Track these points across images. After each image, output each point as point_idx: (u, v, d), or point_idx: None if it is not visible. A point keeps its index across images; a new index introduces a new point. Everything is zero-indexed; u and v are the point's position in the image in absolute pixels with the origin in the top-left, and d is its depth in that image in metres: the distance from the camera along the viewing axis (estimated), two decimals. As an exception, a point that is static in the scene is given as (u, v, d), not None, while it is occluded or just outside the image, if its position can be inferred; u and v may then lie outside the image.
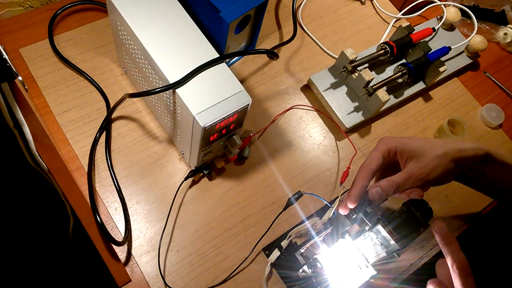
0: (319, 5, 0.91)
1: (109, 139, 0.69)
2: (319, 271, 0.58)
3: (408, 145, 0.55)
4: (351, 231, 0.60)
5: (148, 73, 0.61)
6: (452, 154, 0.54)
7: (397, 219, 0.56)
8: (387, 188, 0.53)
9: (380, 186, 0.53)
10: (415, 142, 0.55)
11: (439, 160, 0.53)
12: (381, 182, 0.54)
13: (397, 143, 0.56)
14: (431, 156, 0.53)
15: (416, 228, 0.56)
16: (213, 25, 0.66)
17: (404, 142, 0.56)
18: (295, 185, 0.73)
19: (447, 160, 0.53)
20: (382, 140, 0.57)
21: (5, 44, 0.73)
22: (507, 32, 0.95)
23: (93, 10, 0.79)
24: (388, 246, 0.55)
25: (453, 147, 0.55)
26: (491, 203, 0.79)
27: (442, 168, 0.53)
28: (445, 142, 0.56)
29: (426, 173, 0.53)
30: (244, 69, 0.81)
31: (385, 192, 0.53)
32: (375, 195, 0.54)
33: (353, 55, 0.76)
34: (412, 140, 0.56)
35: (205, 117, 0.54)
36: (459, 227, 0.76)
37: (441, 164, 0.53)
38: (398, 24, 0.92)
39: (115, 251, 0.63)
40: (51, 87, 0.71)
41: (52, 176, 0.63)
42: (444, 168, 0.53)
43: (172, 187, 0.68)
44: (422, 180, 0.53)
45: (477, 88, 0.91)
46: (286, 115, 0.79)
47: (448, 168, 0.53)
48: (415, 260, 0.71)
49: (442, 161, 0.53)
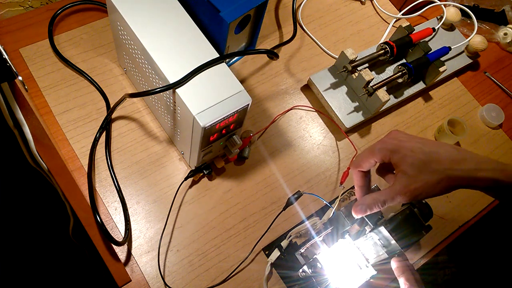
0: (319, 5, 0.91)
1: (109, 139, 0.69)
2: (319, 271, 0.58)
3: (406, 158, 0.49)
4: (351, 231, 0.60)
5: (148, 73, 0.61)
6: (454, 181, 0.47)
7: (398, 219, 0.56)
8: (371, 205, 0.51)
9: (364, 204, 0.51)
10: (414, 156, 0.49)
11: (434, 185, 0.47)
12: (367, 199, 0.51)
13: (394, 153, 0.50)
14: (424, 180, 0.47)
15: (416, 229, 0.56)
16: (213, 25, 0.66)
17: (402, 153, 0.49)
18: (295, 185, 0.73)
19: (444, 185, 0.47)
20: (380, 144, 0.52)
21: (5, 44, 0.73)
22: (507, 32, 0.95)
23: (93, 10, 0.79)
24: (389, 246, 0.55)
25: (460, 173, 0.47)
26: (491, 203, 0.79)
27: (435, 192, 0.48)
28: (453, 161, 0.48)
29: (416, 194, 0.48)
30: (244, 69, 0.81)
31: (369, 209, 0.51)
32: (359, 212, 0.52)
33: (353, 55, 0.76)
34: (413, 151, 0.49)
35: (205, 117, 0.54)
36: (459, 227, 0.76)
37: (435, 189, 0.48)
38: (398, 24, 0.92)
39: (115, 251, 0.63)
40: (51, 87, 0.71)
41: (52, 176, 0.63)
42: (438, 192, 0.48)
43: (172, 187, 0.68)
44: (410, 199, 0.49)
45: (477, 88, 0.91)
46: (286, 115, 0.79)
47: (443, 193, 0.48)
48: (415, 260, 0.71)
49: (438, 186, 0.47)
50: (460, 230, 0.76)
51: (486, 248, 1.19)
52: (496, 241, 1.16)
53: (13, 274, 0.94)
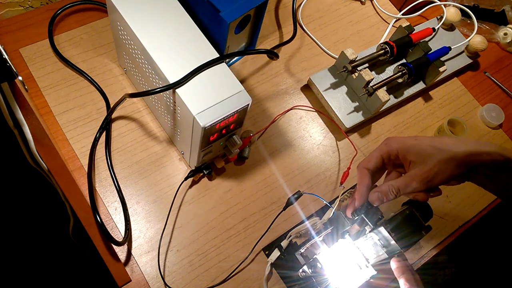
0: (319, 5, 0.91)
1: (109, 139, 0.69)
2: (319, 271, 0.58)
3: (413, 147, 0.52)
4: (351, 231, 0.59)
5: (148, 73, 0.61)
6: (461, 159, 0.49)
7: (398, 219, 0.56)
8: (387, 192, 0.52)
9: (380, 191, 0.52)
10: (421, 143, 0.51)
11: (444, 165, 0.49)
12: (382, 187, 0.52)
13: (400, 144, 0.53)
14: (435, 161, 0.49)
15: (416, 229, 0.56)
16: (213, 25, 0.66)
17: (408, 144, 0.52)
18: (295, 185, 0.73)
19: (454, 165, 0.49)
20: (385, 141, 0.55)
21: (5, 44, 0.73)
22: (507, 32, 0.95)
23: (93, 10, 0.79)
24: (388, 246, 0.55)
25: (464, 149, 0.49)
26: (491, 203, 0.79)
27: (447, 174, 0.49)
28: (457, 143, 0.50)
29: (429, 179, 0.50)
30: (244, 69, 0.81)
31: (385, 196, 0.52)
32: (375, 199, 0.53)
33: (353, 55, 0.76)
34: (418, 141, 0.52)
35: (205, 117, 0.54)
36: (459, 227, 0.76)
37: (446, 170, 0.49)
38: (398, 24, 0.92)
39: (115, 251, 0.63)
40: (51, 87, 0.71)
41: (52, 176, 0.63)
42: (450, 173, 0.49)
43: (172, 187, 0.68)
44: (425, 185, 0.50)
45: (477, 88, 0.91)
46: (286, 115, 0.79)
47: (454, 173, 0.50)
48: (415, 260, 0.71)
49: (448, 166, 0.49)
50: (460, 230, 0.76)
51: (486, 248, 1.19)
52: (496, 241, 1.16)
53: (13, 274, 0.94)
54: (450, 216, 0.76)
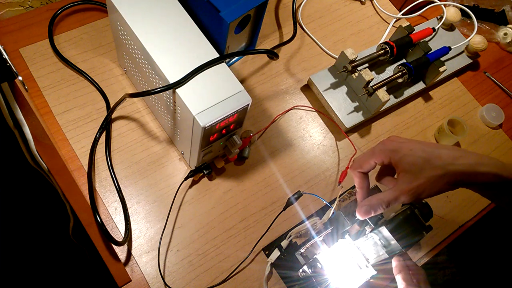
0: (319, 5, 0.91)
1: (109, 139, 0.69)
2: (319, 271, 0.58)
3: (405, 158, 0.50)
4: (351, 231, 0.60)
5: (148, 73, 0.61)
6: (453, 177, 0.47)
7: (398, 219, 0.56)
8: (376, 207, 0.51)
9: (369, 205, 0.51)
10: (415, 154, 0.49)
11: (434, 182, 0.48)
12: (372, 200, 0.51)
13: (394, 153, 0.51)
14: (427, 176, 0.48)
15: (417, 229, 0.56)
16: (213, 25, 0.66)
17: (402, 153, 0.50)
18: (295, 185, 0.73)
19: (445, 182, 0.47)
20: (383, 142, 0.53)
21: (5, 44, 0.73)
22: (507, 32, 0.95)
23: (93, 10, 0.79)
24: (389, 246, 0.55)
25: (459, 168, 0.47)
26: (491, 203, 0.79)
27: (436, 189, 0.48)
28: (453, 158, 0.48)
29: (418, 193, 0.48)
30: (244, 69, 0.81)
31: (373, 210, 0.51)
32: (363, 213, 0.52)
33: (353, 55, 0.76)
34: (413, 151, 0.50)
35: (205, 117, 0.54)
36: (459, 227, 0.76)
37: (435, 186, 0.48)
38: (398, 24, 0.92)
39: (115, 251, 0.63)
40: (51, 87, 0.71)
41: (52, 176, 0.63)
42: (439, 189, 0.48)
43: (172, 187, 0.68)
44: (413, 198, 0.49)
45: (477, 88, 0.91)
46: (286, 115, 0.79)
47: (444, 190, 0.48)
48: (415, 260, 0.71)
49: (438, 183, 0.48)
50: (460, 230, 0.76)
51: (486, 248, 1.19)
52: (496, 241, 1.16)
53: (14, 274, 0.94)
54: (450, 216, 0.76)
